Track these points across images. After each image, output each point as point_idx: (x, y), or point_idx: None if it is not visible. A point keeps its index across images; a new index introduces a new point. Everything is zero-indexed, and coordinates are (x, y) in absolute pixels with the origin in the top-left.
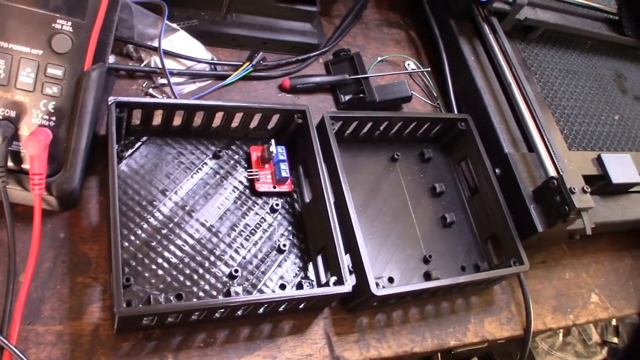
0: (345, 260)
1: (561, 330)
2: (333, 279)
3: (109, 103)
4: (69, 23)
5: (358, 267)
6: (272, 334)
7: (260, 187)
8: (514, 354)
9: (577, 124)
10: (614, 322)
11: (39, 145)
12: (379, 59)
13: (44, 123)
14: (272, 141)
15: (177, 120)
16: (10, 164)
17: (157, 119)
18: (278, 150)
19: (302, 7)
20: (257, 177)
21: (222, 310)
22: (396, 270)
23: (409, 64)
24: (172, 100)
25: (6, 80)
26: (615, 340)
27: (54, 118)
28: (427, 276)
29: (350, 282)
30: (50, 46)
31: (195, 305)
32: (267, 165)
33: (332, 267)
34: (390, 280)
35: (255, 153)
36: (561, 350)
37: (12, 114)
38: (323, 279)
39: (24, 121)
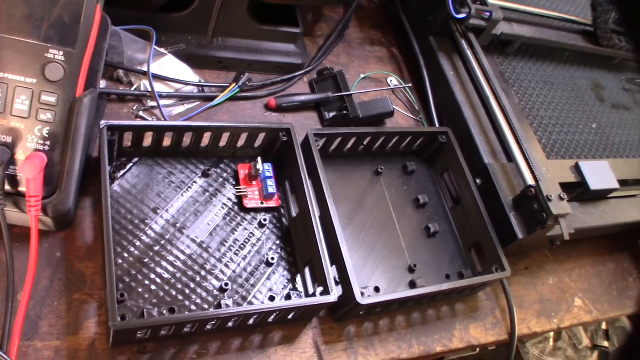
0: (331, 272)
1: (552, 336)
2: (320, 289)
3: (101, 127)
4: (61, 52)
5: (344, 278)
6: (262, 344)
7: (249, 203)
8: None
9: (555, 134)
10: (604, 326)
11: (35, 169)
12: (362, 76)
13: (39, 148)
14: (259, 159)
15: (166, 141)
16: (7, 187)
17: (148, 140)
18: (265, 168)
19: (286, 29)
20: (245, 193)
21: (214, 322)
22: (382, 280)
23: (391, 80)
24: (161, 123)
25: (2, 107)
26: (606, 344)
27: (48, 143)
28: (413, 285)
29: (336, 292)
30: (43, 75)
31: (187, 317)
32: (254, 182)
33: (319, 278)
34: (377, 289)
35: (242, 171)
36: (552, 356)
37: (9, 139)
38: (311, 290)
39: (20, 146)
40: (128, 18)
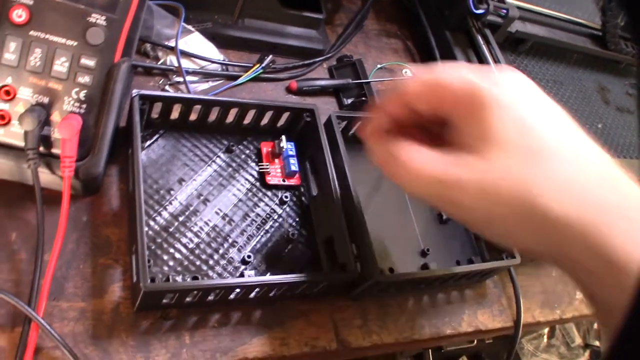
0: (351, 248)
1: (546, 332)
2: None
3: (133, 95)
4: (103, 17)
5: (363, 256)
6: (281, 317)
7: (271, 180)
8: (501, 353)
9: None
10: (595, 326)
11: (72, 129)
12: (379, 66)
13: (74, 110)
14: (283, 137)
15: (193, 116)
16: (40, 148)
17: (175, 113)
18: (288, 146)
19: (310, 14)
20: (268, 170)
21: (239, 289)
22: (396, 262)
23: (406, 72)
24: (191, 95)
25: (41, 68)
26: (597, 343)
27: (84, 106)
28: (425, 268)
29: (356, 268)
30: (84, 38)
31: (215, 284)
32: (276, 160)
33: (339, 255)
34: (391, 270)
35: (265, 148)
36: (546, 352)
37: (45, 100)
38: (328, 268)
39: (56, 107)
40: None
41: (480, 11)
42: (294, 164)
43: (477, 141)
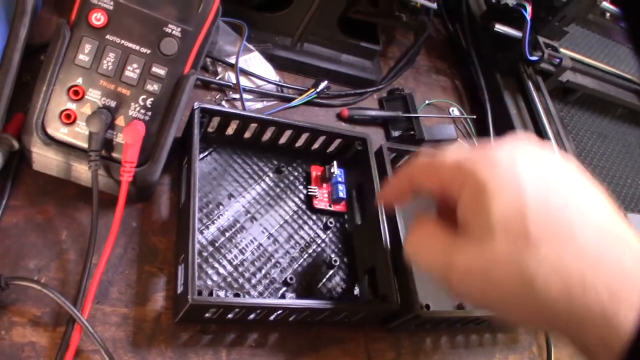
0: (394, 280)
1: None
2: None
3: (195, 107)
4: (179, 29)
5: (403, 290)
6: (317, 343)
7: (318, 204)
8: None
9: (606, 184)
10: None
11: (137, 136)
12: (427, 102)
13: (139, 117)
14: (334, 163)
15: (247, 134)
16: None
17: (230, 129)
18: (337, 172)
19: (367, 44)
20: (316, 194)
21: (281, 311)
22: (432, 299)
23: (453, 110)
24: (249, 113)
25: (113, 72)
26: None
27: (149, 113)
28: (460, 307)
29: (398, 300)
30: (158, 47)
31: (260, 303)
32: (325, 185)
33: (381, 286)
34: (427, 307)
35: (315, 172)
36: None
37: (112, 104)
38: (368, 298)
39: (122, 112)
40: (224, 10)
41: (534, 58)
42: (342, 191)
43: (476, 229)
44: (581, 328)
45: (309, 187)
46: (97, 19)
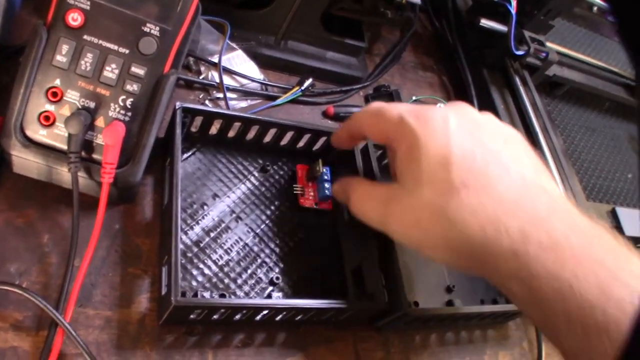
0: (381, 279)
1: None
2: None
3: (176, 107)
4: (157, 28)
5: (390, 288)
6: (304, 342)
7: (304, 202)
8: None
9: (595, 178)
10: None
11: (117, 136)
12: (414, 98)
13: (119, 117)
14: (320, 161)
15: (231, 133)
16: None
17: (214, 128)
18: (323, 170)
19: (352, 41)
20: (302, 193)
21: (267, 311)
22: (421, 296)
23: (440, 106)
24: (233, 112)
25: (91, 73)
26: None
27: (129, 114)
28: (450, 304)
29: (385, 299)
30: (137, 47)
31: (245, 303)
32: (310, 183)
33: (368, 284)
34: (416, 304)
35: (301, 170)
36: None
37: (92, 105)
38: (354, 296)
39: (101, 113)
40: (206, 9)
41: (520, 52)
42: (328, 189)
43: (409, 178)
44: (495, 263)
45: (294, 185)
46: (74, 19)
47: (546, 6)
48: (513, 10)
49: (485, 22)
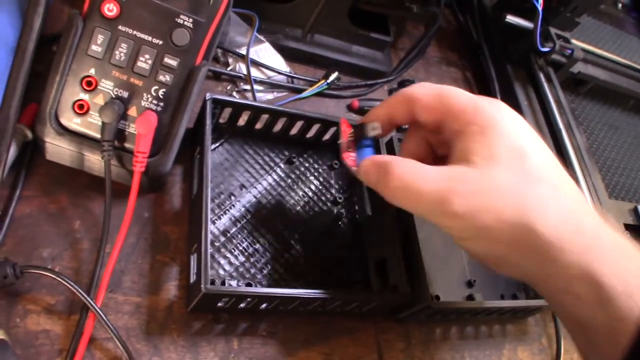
0: (404, 271)
1: None
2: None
3: (207, 98)
4: (191, 20)
5: (413, 281)
6: (327, 332)
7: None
8: None
9: (617, 176)
10: None
11: (150, 126)
12: None
13: (152, 107)
14: (373, 123)
15: (258, 125)
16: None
17: (242, 120)
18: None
19: (377, 35)
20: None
21: (295, 302)
22: (442, 290)
23: None
24: (261, 104)
25: (125, 63)
26: None
27: (161, 104)
28: (470, 298)
29: (409, 291)
30: (170, 38)
31: (272, 292)
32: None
33: (391, 277)
34: (437, 297)
35: (344, 126)
36: None
37: (125, 94)
38: (377, 287)
39: (134, 103)
40: (236, 1)
41: (546, 49)
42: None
43: (479, 158)
44: (564, 260)
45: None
46: (110, 9)
47: (572, 3)
48: (540, 7)
49: (511, 18)
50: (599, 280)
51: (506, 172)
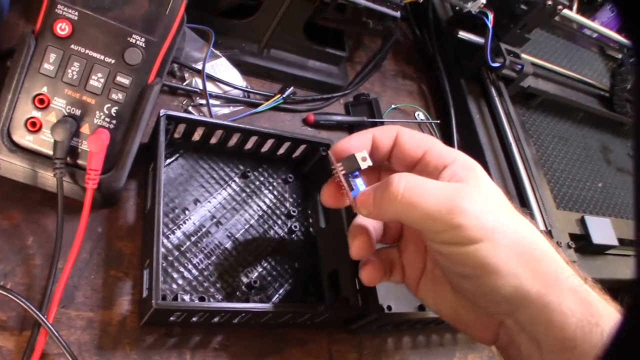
0: (355, 283)
1: None
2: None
3: (160, 115)
4: (143, 39)
5: (364, 292)
6: (280, 344)
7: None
8: None
9: (565, 187)
10: None
11: (102, 144)
12: (393, 106)
13: (104, 125)
14: (360, 154)
15: (213, 139)
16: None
17: (196, 135)
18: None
19: (333, 51)
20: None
21: (244, 314)
22: (394, 300)
23: (418, 114)
24: (215, 120)
25: (78, 81)
26: None
27: (114, 122)
28: (422, 309)
29: (359, 303)
30: (122, 57)
31: (223, 307)
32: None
33: (343, 289)
34: (389, 308)
35: (333, 156)
36: None
37: (77, 112)
38: (329, 300)
39: (87, 121)
40: (191, 17)
41: (496, 65)
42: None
43: (469, 179)
44: (561, 268)
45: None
46: (62, 29)
47: (522, 20)
48: (490, 24)
49: (463, 34)
50: (589, 299)
51: (498, 193)
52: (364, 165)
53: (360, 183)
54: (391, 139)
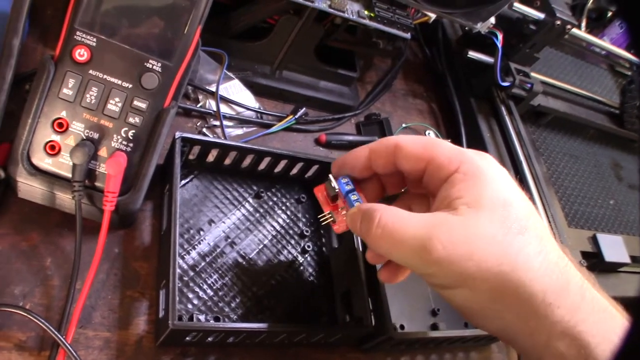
0: (368, 303)
1: None
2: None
3: (176, 137)
4: (159, 64)
5: (377, 312)
6: None
7: (340, 228)
8: None
9: (577, 204)
10: None
11: (119, 167)
12: (404, 125)
13: (122, 148)
14: (330, 176)
15: (227, 160)
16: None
17: (211, 156)
18: (342, 182)
19: (344, 72)
20: (333, 219)
21: (260, 334)
22: (406, 320)
23: (429, 133)
24: (229, 142)
25: (95, 105)
26: None
27: (131, 145)
28: (435, 328)
29: (372, 323)
30: (139, 82)
31: (239, 327)
32: (338, 202)
33: (356, 308)
34: (402, 327)
35: (321, 193)
36: None
37: (95, 136)
38: (343, 319)
39: (104, 144)
40: (205, 40)
41: (506, 84)
42: (357, 199)
43: (463, 205)
44: (551, 313)
45: (319, 216)
46: (81, 54)
47: (531, 40)
48: (499, 44)
49: (473, 54)
50: (585, 340)
51: (490, 220)
52: (332, 192)
53: (355, 198)
54: (388, 162)
